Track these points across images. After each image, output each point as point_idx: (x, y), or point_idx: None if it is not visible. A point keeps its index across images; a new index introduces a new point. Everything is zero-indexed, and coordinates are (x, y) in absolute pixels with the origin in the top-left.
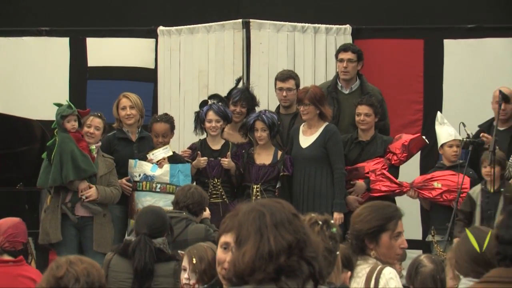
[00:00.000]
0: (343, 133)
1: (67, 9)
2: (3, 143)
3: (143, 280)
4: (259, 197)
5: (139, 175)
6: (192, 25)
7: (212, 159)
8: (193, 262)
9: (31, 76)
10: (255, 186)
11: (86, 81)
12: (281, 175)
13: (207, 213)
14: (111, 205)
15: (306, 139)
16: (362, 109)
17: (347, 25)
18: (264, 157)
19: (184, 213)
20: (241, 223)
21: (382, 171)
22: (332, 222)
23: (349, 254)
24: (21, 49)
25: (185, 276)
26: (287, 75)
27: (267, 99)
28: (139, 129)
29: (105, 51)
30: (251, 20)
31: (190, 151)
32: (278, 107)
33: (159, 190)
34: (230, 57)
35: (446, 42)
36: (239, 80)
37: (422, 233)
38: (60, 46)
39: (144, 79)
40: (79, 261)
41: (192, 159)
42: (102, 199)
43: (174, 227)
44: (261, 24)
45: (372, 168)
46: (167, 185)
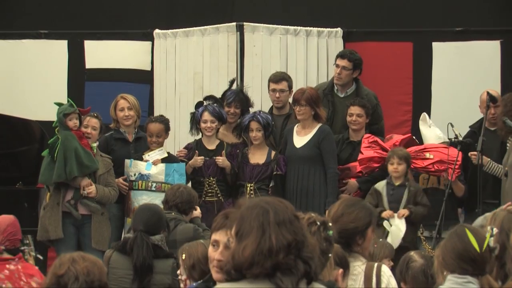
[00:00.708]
0: (336, 134)
1: (65, 12)
2: (3, 143)
3: (143, 275)
4: (252, 195)
5: (134, 175)
6: (187, 28)
7: (207, 158)
8: (183, 258)
9: (31, 78)
10: (249, 185)
11: (84, 82)
12: (275, 174)
13: (197, 212)
14: (109, 204)
15: (300, 139)
16: (354, 109)
17: (339, 28)
18: (258, 157)
19: (173, 213)
20: (243, 217)
21: (375, 138)
22: (330, 225)
23: (343, 253)
24: (21, 52)
25: (178, 272)
26: (280, 77)
27: (260, 100)
28: (135, 130)
29: (102, 54)
30: (244, 23)
31: (186, 151)
32: (271, 108)
33: (154, 189)
34: (225, 59)
35: (435, 45)
36: (232, 82)
37: None
38: (59, 48)
39: (140, 80)
40: (81, 259)
41: (188, 158)
42: (100, 198)
43: None
44: (254, 27)
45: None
46: (162, 184)
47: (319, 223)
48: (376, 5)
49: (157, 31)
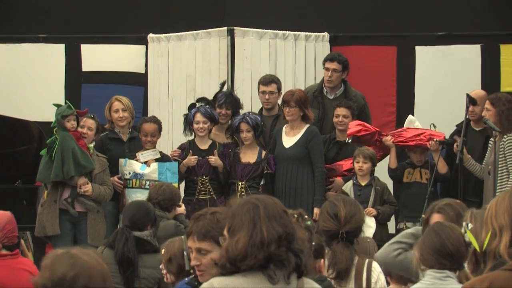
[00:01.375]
0: (324, 135)
1: (63, 17)
2: (3, 143)
3: (123, 269)
4: (244, 193)
5: (129, 173)
6: (180, 33)
7: (200, 158)
8: (162, 252)
9: (29, 80)
10: (240, 183)
11: (80, 85)
12: (265, 173)
13: (182, 209)
14: (104, 202)
15: (289, 139)
16: (341, 111)
17: (325, 33)
18: (249, 156)
19: (156, 210)
20: (234, 214)
21: (362, 123)
22: (306, 217)
23: (320, 243)
24: (20, 55)
25: (160, 266)
26: (269, 80)
27: (250, 102)
28: (130, 130)
29: (98, 57)
30: (235, 28)
31: (180, 151)
32: (261, 110)
33: (148, 187)
34: (216, 62)
35: (418, 49)
36: (223, 84)
37: (395, 220)
38: (56, 52)
39: (135, 83)
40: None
41: (182, 158)
42: (95, 196)
43: None
44: (244, 32)
45: (349, 167)
46: (156, 182)
47: (296, 215)
48: (361, 11)
49: (151, 35)
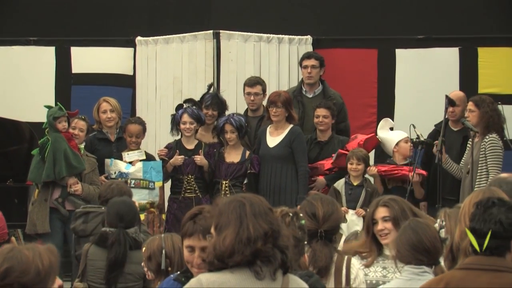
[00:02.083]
0: (307, 133)
1: (53, 21)
2: None
3: (115, 268)
4: (227, 191)
5: (115, 173)
6: (167, 36)
7: (186, 157)
8: (143, 250)
9: (20, 82)
10: (224, 182)
11: (70, 86)
12: (248, 172)
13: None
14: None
15: (273, 139)
16: (321, 111)
17: (308, 36)
18: (233, 156)
19: (103, 208)
20: (221, 212)
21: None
22: (301, 215)
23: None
24: (11, 57)
25: (142, 263)
26: (254, 81)
27: (235, 103)
28: (117, 130)
29: (88, 59)
30: (221, 31)
31: (167, 150)
32: (246, 110)
33: (133, 185)
34: (202, 65)
35: (398, 52)
36: (210, 86)
37: None
38: (47, 54)
39: (123, 84)
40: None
41: (168, 157)
42: (85, 196)
43: (91, 221)
44: (230, 35)
45: (330, 166)
46: (141, 181)
47: (291, 214)
48: (343, 14)
49: (139, 38)
